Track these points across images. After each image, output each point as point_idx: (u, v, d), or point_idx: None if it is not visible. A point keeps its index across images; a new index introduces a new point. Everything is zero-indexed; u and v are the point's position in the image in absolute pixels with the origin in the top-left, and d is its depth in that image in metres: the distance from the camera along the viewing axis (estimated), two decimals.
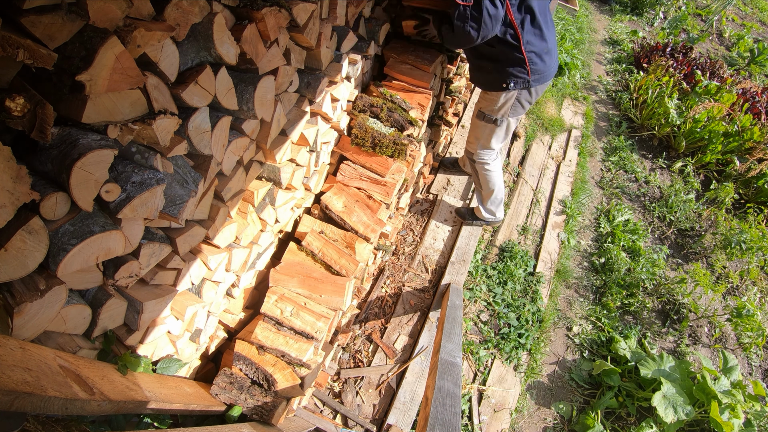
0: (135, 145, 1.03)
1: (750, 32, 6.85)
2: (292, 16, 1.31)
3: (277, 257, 1.97)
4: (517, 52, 2.04)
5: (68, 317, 1.02)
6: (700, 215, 3.74)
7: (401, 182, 2.11)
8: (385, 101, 2.09)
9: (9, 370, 0.76)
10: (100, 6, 0.79)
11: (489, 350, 2.62)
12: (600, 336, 2.83)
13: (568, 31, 5.47)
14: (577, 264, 3.24)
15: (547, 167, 3.81)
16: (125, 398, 1.06)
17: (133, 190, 0.97)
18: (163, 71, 0.97)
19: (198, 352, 1.65)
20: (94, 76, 0.80)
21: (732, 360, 2.62)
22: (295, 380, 1.56)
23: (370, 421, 2.20)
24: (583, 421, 2.40)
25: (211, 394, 1.51)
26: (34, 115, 0.77)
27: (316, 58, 1.61)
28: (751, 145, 4.05)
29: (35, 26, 0.72)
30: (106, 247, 0.97)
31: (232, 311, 1.80)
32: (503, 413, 2.40)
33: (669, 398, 2.35)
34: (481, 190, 2.77)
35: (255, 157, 1.52)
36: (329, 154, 2.06)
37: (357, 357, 2.41)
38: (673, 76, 4.48)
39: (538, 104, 4.34)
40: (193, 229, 1.29)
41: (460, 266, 2.78)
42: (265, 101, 1.34)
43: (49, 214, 0.87)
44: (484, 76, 2.24)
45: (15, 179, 0.75)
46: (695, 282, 3.07)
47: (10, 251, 0.81)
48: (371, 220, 1.92)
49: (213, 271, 1.49)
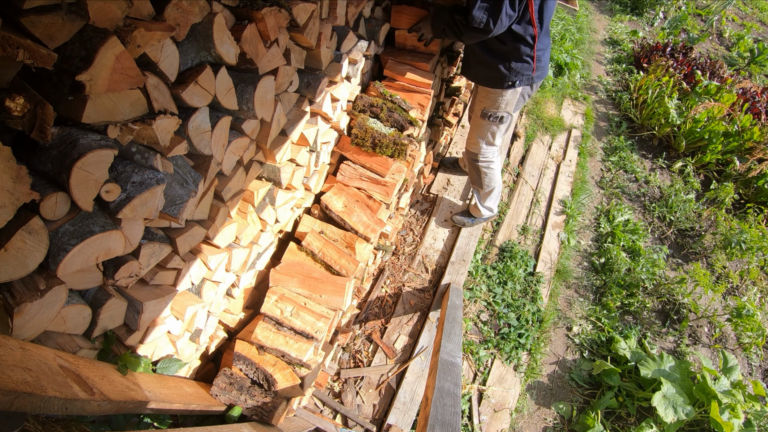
0: (135, 145, 1.03)
1: (750, 32, 6.85)
2: (292, 16, 1.31)
3: (277, 257, 1.97)
4: (530, 50, 2.03)
5: (68, 317, 1.02)
6: (700, 215, 3.74)
7: (401, 182, 2.11)
8: (385, 101, 2.09)
9: (9, 370, 0.76)
10: (100, 6, 0.79)
11: (489, 350, 2.62)
12: (600, 336, 2.83)
13: (568, 31, 5.47)
14: (577, 264, 3.24)
15: (547, 167, 3.81)
16: (125, 398, 1.06)
17: (133, 190, 0.97)
18: (163, 71, 0.97)
19: (198, 352, 1.65)
20: (94, 76, 0.80)
21: (732, 360, 2.62)
22: (295, 380, 1.56)
23: (370, 421, 2.20)
24: (583, 421, 2.40)
25: (211, 395, 1.51)
26: (34, 115, 0.77)
27: (316, 58, 1.61)
28: (751, 145, 4.05)
29: (35, 26, 0.72)
30: (106, 247, 0.97)
31: (232, 311, 1.80)
32: (503, 413, 2.40)
33: (669, 398, 2.35)
34: (481, 189, 2.76)
35: (255, 157, 1.52)
36: (329, 154, 2.06)
37: (357, 357, 2.41)
38: (673, 76, 4.48)
39: (538, 104, 4.34)
40: (193, 229, 1.29)
41: (460, 266, 2.78)
42: (265, 101, 1.33)
43: (49, 214, 0.87)
44: (487, 72, 2.18)
45: (15, 179, 0.75)
46: (695, 282, 3.07)
47: (10, 251, 0.81)
48: (371, 220, 1.92)
49: (213, 271, 1.49)
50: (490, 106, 2.29)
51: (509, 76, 2.12)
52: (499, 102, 2.25)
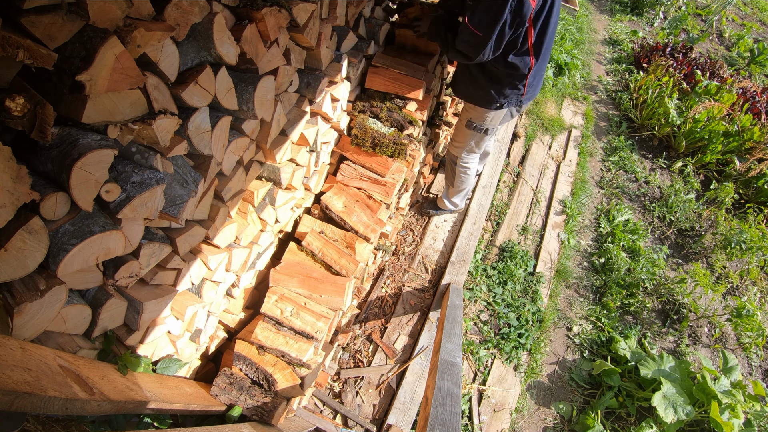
0: (135, 145, 1.03)
1: (750, 32, 6.85)
2: (292, 16, 1.31)
3: (277, 257, 1.97)
4: (522, 79, 2.00)
5: (68, 317, 1.02)
6: (700, 215, 3.74)
7: (401, 182, 2.11)
8: (385, 101, 2.09)
9: (9, 370, 0.76)
10: (100, 6, 0.79)
11: (489, 350, 2.62)
12: (600, 336, 2.83)
13: (568, 31, 5.47)
14: (577, 264, 3.24)
15: (547, 167, 3.81)
16: (125, 398, 1.06)
17: (133, 190, 0.97)
18: (163, 71, 0.97)
19: (198, 352, 1.65)
20: (94, 76, 0.80)
21: (732, 360, 2.62)
22: (295, 380, 1.56)
23: (370, 421, 2.20)
24: (583, 421, 2.40)
25: (211, 395, 1.51)
26: (34, 115, 0.77)
27: (316, 58, 1.61)
28: (751, 145, 4.05)
29: (35, 26, 0.72)
30: (106, 247, 0.97)
31: (232, 311, 1.80)
32: (503, 413, 2.40)
33: (669, 398, 2.35)
34: (452, 186, 2.82)
35: (255, 157, 1.52)
36: (329, 154, 2.06)
37: (357, 357, 2.41)
38: (673, 76, 4.48)
39: (538, 104, 4.34)
40: (193, 229, 1.29)
41: (460, 266, 2.78)
42: (265, 101, 1.33)
43: (49, 214, 0.87)
44: (476, 91, 2.13)
45: (15, 179, 0.75)
46: (695, 282, 3.07)
47: (10, 251, 0.81)
48: (371, 220, 1.92)
49: (213, 271, 1.49)
50: (476, 119, 2.27)
51: (497, 99, 2.09)
52: (486, 116, 2.22)
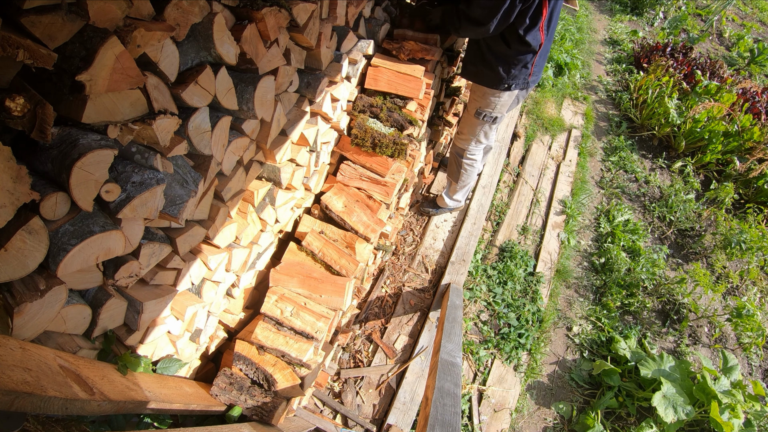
0: (135, 145, 1.03)
1: (750, 32, 6.85)
2: (292, 16, 1.31)
3: (277, 257, 1.97)
4: (531, 57, 2.05)
5: (68, 317, 1.02)
6: (700, 215, 3.74)
7: (401, 182, 2.11)
8: (385, 101, 2.08)
9: (9, 370, 0.76)
10: (100, 6, 0.79)
11: (489, 350, 2.62)
12: (600, 336, 2.83)
13: (568, 31, 5.47)
14: (577, 264, 3.24)
15: (547, 167, 3.81)
16: (125, 398, 1.06)
17: (133, 190, 0.97)
18: (163, 71, 0.97)
19: (198, 352, 1.65)
20: (94, 76, 0.80)
21: (732, 360, 2.62)
22: (295, 380, 1.56)
23: (370, 421, 2.20)
24: (583, 421, 2.40)
25: (211, 395, 1.51)
26: (34, 115, 0.77)
27: (316, 58, 1.61)
28: (751, 145, 4.05)
29: (35, 26, 0.72)
30: (106, 247, 0.97)
31: (232, 311, 1.80)
32: (503, 413, 2.40)
33: (669, 398, 2.35)
34: (455, 183, 2.82)
35: (255, 157, 1.52)
36: (329, 154, 2.06)
37: (357, 357, 2.41)
38: (673, 76, 4.48)
39: (538, 104, 4.34)
40: (193, 229, 1.29)
41: (460, 266, 2.78)
42: (265, 101, 1.33)
43: (49, 214, 0.87)
44: (485, 70, 2.18)
45: (15, 179, 0.75)
46: (695, 282, 3.07)
47: (10, 251, 0.81)
48: (371, 220, 1.92)
49: (213, 271, 1.49)
50: (485, 106, 2.32)
51: (506, 79, 2.14)
52: (494, 102, 2.28)
